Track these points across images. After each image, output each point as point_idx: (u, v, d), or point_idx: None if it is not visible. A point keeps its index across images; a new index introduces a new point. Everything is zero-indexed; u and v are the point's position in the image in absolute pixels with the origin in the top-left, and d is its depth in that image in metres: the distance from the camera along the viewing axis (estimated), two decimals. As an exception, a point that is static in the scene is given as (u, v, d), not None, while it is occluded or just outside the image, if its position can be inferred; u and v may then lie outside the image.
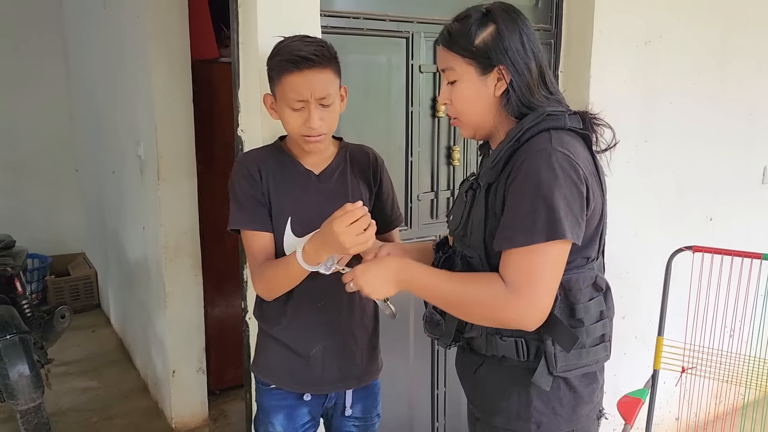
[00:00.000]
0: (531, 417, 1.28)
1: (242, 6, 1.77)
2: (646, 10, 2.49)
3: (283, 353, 1.58)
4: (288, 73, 1.40)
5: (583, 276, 1.25)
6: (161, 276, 2.96)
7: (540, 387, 1.25)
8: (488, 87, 1.27)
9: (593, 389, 1.33)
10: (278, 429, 1.60)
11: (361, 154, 1.65)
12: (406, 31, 2.08)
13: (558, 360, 1.24)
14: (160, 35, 2.73)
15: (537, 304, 1.17)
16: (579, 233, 1.19)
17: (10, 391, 2.67)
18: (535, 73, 1.26)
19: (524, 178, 1.18)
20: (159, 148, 2.81)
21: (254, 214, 1.50)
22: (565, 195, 1.16)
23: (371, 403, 1.69)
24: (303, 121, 1.43)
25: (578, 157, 1.20)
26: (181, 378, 3.04)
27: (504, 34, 1.24)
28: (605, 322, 1.28)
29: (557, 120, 1.23)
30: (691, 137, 2.78)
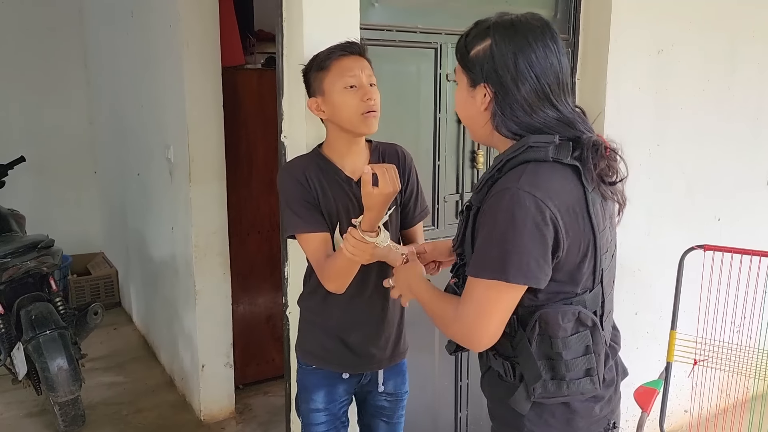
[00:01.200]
0: (523, 426, 1.29)
1: (287, 20, 1.90)
2: (659, 21, 2.62)
3: (326, 338, 1.73)
4: (338, 58, 1.58)
5: (563, 311, 1.22)
6: (191, 274, 3.08)
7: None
8: (475, 100, 1.26)
9: (590, 405, 1.30)
10: (319, 405, 1.75)
11: (392, 153, 1.77)
12: (434, 42, 2.21)
13: (536, 388, 1.24)
14: (193, 43, 2.84)
15: (473, 335, 1.21)
16: (538, 277, 1.16)
17: (50, 384, 2.79)
18: (529, 94, 1.20)
19: (486, 214, 1.19)
20: (191, 151, 2.92)
21: (309, 216, 1.60)
22: (521, 238, 1.13)
23: (401, 380, 1.86)
24: (361, 97, 1.57)
25: (551, 195, 1.15)
26: (209, 372, 3.16)
27: (494, 51, 1.20)
28: (590, 357, 1.25)
29: (538, 152, 1.18)
30: (701, 141, 2.90)
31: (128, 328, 4.45)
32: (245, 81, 3.29)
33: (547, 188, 1.15)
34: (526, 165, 1.18)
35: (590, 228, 1.21)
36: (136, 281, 4.30)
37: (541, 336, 1.23)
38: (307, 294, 1.77)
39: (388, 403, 1.85)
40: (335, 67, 1.57)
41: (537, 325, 1.22)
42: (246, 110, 3.30)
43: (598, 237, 1.22)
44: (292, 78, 1.90)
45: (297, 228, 1.61)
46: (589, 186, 1.20)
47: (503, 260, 1.14)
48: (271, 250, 3.42)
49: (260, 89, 3.31)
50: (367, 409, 1.88)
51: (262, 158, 3.35)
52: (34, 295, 3.09)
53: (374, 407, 1.86)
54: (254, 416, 3.27)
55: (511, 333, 1.26)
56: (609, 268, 1.31)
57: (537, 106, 1.21)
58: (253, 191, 3.36)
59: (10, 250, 3.02)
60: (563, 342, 1.22)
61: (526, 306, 1.23)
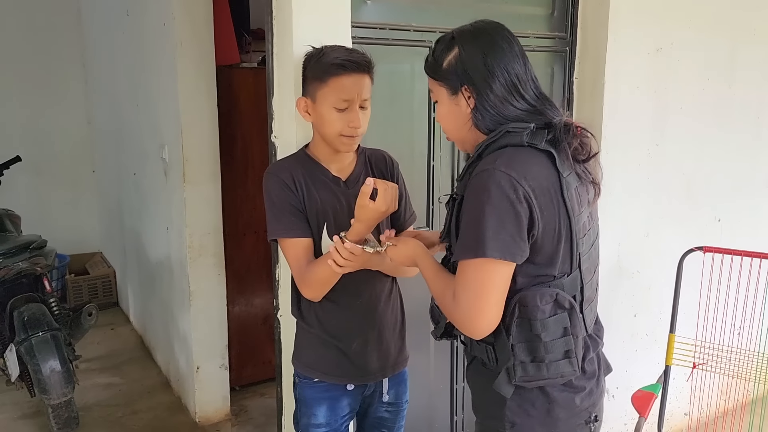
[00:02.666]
0: (504, 416, 1.32)
1: (277, 18, 1.87)
2: (658, 19, 2.58)
3: (326, 349, 1.67)
4: (338, 75, 1.50)
5: (541, 293, 1.26)
6: (186, 275, 3.05)
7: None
8: (460, 106, 1.33)
9: (570, 396, 1.33)
10: (320, 420, 1.69)
11: (379, 158, 1.75)
12: (428, 41, 2.17)
13: (517, 371, 1.27)
14: (187, 42, 2.82)
15: (473, 320, 1.24)
16: (513, 253, 1.21)
17: (43, 386, 2.77)
18: (500, 90, 1.29)
19: (467, 197, 1.26)
20: (185, 151, 2.90)
21: (292, 222, 1.58)
22: (496, 215, 1.19)
23: (402, 389, 1.81)
24: (347, 121, 1.53)
25: (526, 176, 1.21)
26: (204, 374, 3.13)
27: (464, 56, 1.31)
28: (568, 339, 1.28)
29: (514, 137, 1.26)
30: (701, 141, 2.87)
31: (125, 328, 4.43)
32: (241, 80, 3.26)
33: (522, 169, 1.22)
34: (503, 149, 1.26)
35: (565, 211, 1.26)
36: (133, 281, 4.28)
37: (521, 319, 1.27)
38: (300, 303, 1.71)
39: (389, 414, 1.80)
40: (332, 84, 1.52)
41: (516, 308, 1.26)
42: (241, 109, 3.27)
43: (573, 221, 1.28)
44: (283, 77, 1.88)
45: (279, 233, 1.59)
46: (564, 171, 1.27)
47: (482, 237, 1.20)
48: (266, 250, 3.38)
49: (256, 88, 3.27)
50: (368, 421, 1.82)
51: (258, 158, 3.32)
52: (28, 296, 3.07)
53: (375, 419, 1.80)
54: (250, 418, 3.25)
55: None
56: (588, 254, 1.35)
57: (508, 99, 1.30)
58: (249, 191, 3.33)
59: (2, 250, 3.00)
60: (542, 323, 1.26)
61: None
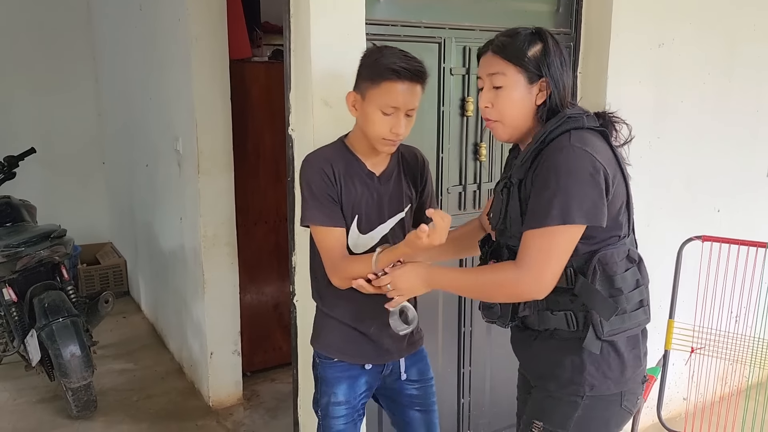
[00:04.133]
0: (584, 380, 1.46)
1: (294, 16, 1.95)
2: (660, 15, 2.65)
3: (345, 331, 1.75)
4: (392, 81, 1.54)
5: (617, 251, 1.42)
6: (200, 264, 3.14)
7: (591, 352, 1.44)
8: (532, 95, 1.46)
9: (637, 354, 1.50)
10: (340, 398, 1.77)
11: (411, 156, 1.81)
12: (438, 37, 2.25)
13: (604, 326, 1.42)
14: (201, 37, 2.89)
15: (542, 279, 1.37)
16: (598, 216, 1.36)
17: (63, 370, 2.88)
18: (568, 88, 1.47)
19: (546, 171, 1.37)
20: (199, 143, 2.98)
21: (331, 211, 1.63)
22: (580, 185, 1.34)
23: (424, 365, 1.89)
24: (390, 126, 1.58)
25: (596, 151, 1.37)
26: (218, 359, 3.23)
27: (550, 51, 1.45)
28: (641, 289, 1.47)
29: (576, 121, 1.42)
30: (701, 134, 2.95)
31: (137, 316, 4.53)
32: (252, 74, 3.35)
33: (593, 146, 1.39)
34: (569, 132, 1.41)
35: (623, 179, 1.44)
36: (145, 271, 4.38)
37: (604, 276, 1.42)
38: (320, 289, 1.78)
39: (417, 390, 1.86)
40: (385, 87, 1.55)
41: (597, 267, 1.41)
42: (253, 102, 3.35)
43: (629, 188, 1.47)
44: (300, 72, 1.96)
45: (318, 220, 1.63)
46: (613, 148, 1.46)
47: (567, 206, 1.34)
48: (277, 240, 3.49)
49: (267, 81, 3.36)
50: (400, 401, 1.87)
51: (269, 150, 3.40)
52: (47, 284, 3.17)
53: (405, 397, 1.86)
54: (261, 402, 3.35)
55: (568, 286, 1.44)
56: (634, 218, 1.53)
57: (566, 97, 1.48)
58: (261, 182, 3.42)
59: (24, 239, 3.09)
60: (621, 277, 1.42)
61: (582, 254, 1.42)
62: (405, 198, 1.75)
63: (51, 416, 3.19)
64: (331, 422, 1.78)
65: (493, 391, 2.66)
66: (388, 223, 1.73)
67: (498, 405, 2.69)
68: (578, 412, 1.47)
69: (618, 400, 1.49)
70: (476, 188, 2.46)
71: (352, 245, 1.69)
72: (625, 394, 1.49)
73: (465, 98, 2.36)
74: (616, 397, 1.48)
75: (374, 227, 1.69)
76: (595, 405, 1.47)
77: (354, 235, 1.68)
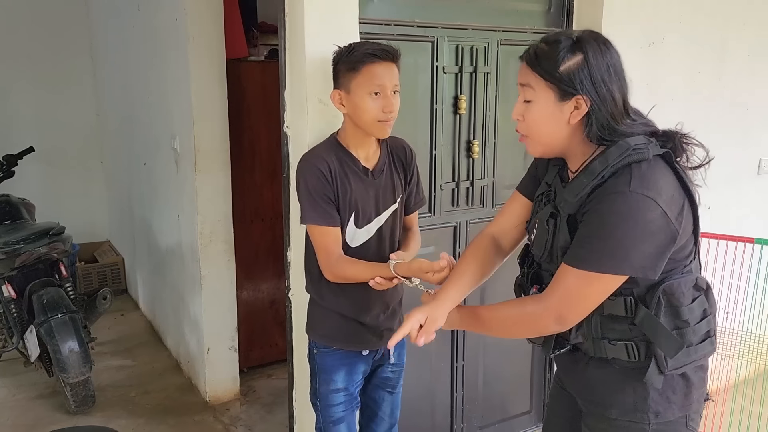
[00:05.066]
0: (649, 408, 1.36)
1: (289, 15, 1.98)
2: (650, 15, 2.70)
3: (342, 321, 1.82)
4: (371, 63, 1.64)
5: (684, 280, 1.32)
6: (197, 260, 3.18)
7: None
8: (564, 113, 1.31)
9: (702, 377, 1.41)
10: (339, 385, 1.85)
11: (399, 148, 1.89)
12: (431, 36, 2.29)
13: (668, 361, 1.32)
14: (198, 37, 2.93)
15: (564, 320, 1.32)
16: (648, 270, 1.25)
17: (62, 365, 2.91)
18: (620, 102, 1.31)
19: (601, 215, 1.26)
20: (196, 141, 3.02)
21: (326, 211, 1.70)
22: (635, 238, 1.23)
23: (403, 350, 2.00)
24: (382, 106, 1.66)
25: (660, 192, 1.24)
26: (214, 355, 3.26)
27: (591, 64, 1.28)
28: (709, 319, 1.36)
29: (641, 153, 1.27)
30: (691, 131, 2.97)
31: (135, 314, 4.56)
32: (249, 73, 3.38)
33: (656, 187, 1.24)
34: (630, 167, 1.27)
35: (690, 207, 1.32)
36: (143, 268, 4.41)
37: (669, 308, 1.31)
38: (315, 282, 1.84)
39: (392, 374, 1.98)
40: (365, 72, 1.64)
41: (661, 298, 1.30)
42: (250, 101, 3.39)
43: (697, 213, 1.34)
44: (295, 71, 1.99)
45: (316, 220, 1.70)
46: (681, 171, 1.32)
47: (615, 257, 1.24)
48: (274, 237, 3.52)
49: (263, 81, 3.39)
50: (374, 382, 1.98)
51: (266, 148, 3.44)
52: (45, 281, 3.20)
53: (381, 379, 1.97)
54: (258, 398, 3.38)
55: (627, 315, 1.34)
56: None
57: (623, 112, 1.32)
58: (257, 180, 3.46)
59: (23, 236, 3.13)
60: (688, 309, 1.32)
61: (643, 285, 1.32)
62: (397, 190, 1.83)
63: (50, 412, 3.22)
64: (331, 410, 1.84)
65: (486, 386, 2.70)
66: (383, 216, 1.80)
67: (491, 399, 2.73)
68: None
69: (684, 422, 1.41)
70: (469, 185, 2.50)
71: (348, 239, 1.75)
72: (690, 415, 1.41)
73: (458, 96, 2.39)
74: (681, 419, 1.40)
75: (370, 221, 1.77)
76: (663, 429, 1.39)
77: (351, 230, 1.75)
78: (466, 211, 2.51)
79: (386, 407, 2.00)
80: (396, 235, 1.87)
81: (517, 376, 2.80)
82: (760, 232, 3.26)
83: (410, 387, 2.31)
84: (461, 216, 2.50)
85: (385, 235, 1.81)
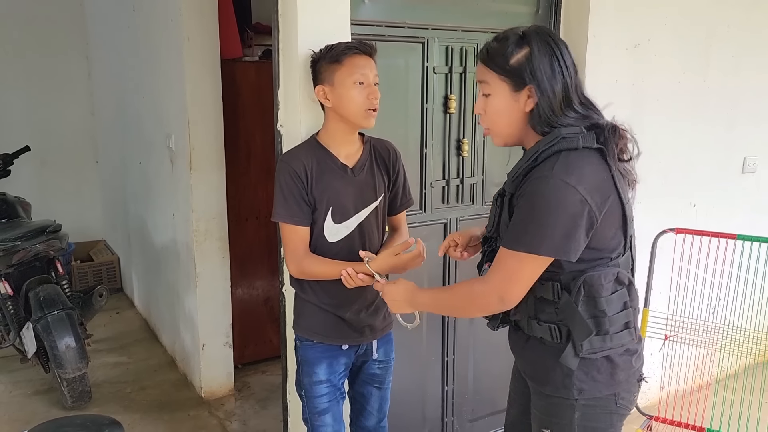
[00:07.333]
0: (573, 385, 1.46)
1: (282, 16, 2.03)
2: (636, 17, 2.76)
3: (324, 315, 1.88)
4: (353, 55, 1.73)
5: (605, 273, 1.41)
6: (192, 258, 3.22)
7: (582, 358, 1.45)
8: (519, 103, 1.42)
9: (629, 359, 1.50)
10: (321, 377, 1.90)
11: (383, 149, 1.95)
12: (422, 37, 2.35)
13: (583, 345, 1.42)
14: (193, 37, 2.98)
15: (505, 298, 1.41)
16: (567, 251, 1.35)
17: (59, 361, 2.95)
18: (560, 95, 1.39)
19: (527, 197, 1.38)
20: (191, 140, 3.06)
21: (297, 210, 1.78)
22: (554, 219, 1.33)
23: (390, 347, 2.04)
24: (367, 94, 1.74)
25: (581, 180, 1.33)
26: (209, 351, 3.31)
27: (535, 56, 1.38)
28: (629, 311, 1.45)
29: (570, 142, 1.36)
30: (677, 131, 3.05)
31: (130, 312, 4.60)
32: (243, 73, 3.43)
33: (578, 174, 1.34)
34: (558, 154, 1.37)
35: (618, 200, 1.40)
36: (138, 267, 4.45)
37: (587, 297, 1.41)
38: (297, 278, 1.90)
39: (380, 370, 2.02)
40: (348, 63, 1.73)
41: (582, 288, 1.40)
42: (244, 101, 3.43)
43: (626, 208, 1.42)
44: (288, 70, 2.04)
45: (285, 218, 1.79)
46: (612, 165, 1.40)
47: (536, 236, 1.34)
48: (268, 235, 3.57)
49: (258, 81, 3.44)
50: (361, 377, 2.03)
51: (260, 147, 3.49)
52: (42, 278, 3.24)
53: (368, 375, 2.02)
54: (252, 393, 3.43)
55: (554, 299, 1.44)
56: (634, 235, 1.50)
57: (563, 104, 1.40)
58: (251, 179, 3.51)
59: (19, 234, 3.16)
60: (606, 300, 1.41)
61: (568, 272, 1.42)
62: (378, 188, 1.88)
63: (46, 407, 3.26)
64: (316, 402, 1.89)
65: (476, 380, 2.76)
66: (363, 212, 1.86)
67: (481, 393, 2.78)
68: (577, 414, 1.48)
69: (613, 400, 1.49)
70: (459, 183, 2.55)
71: (327, 234, 1.82)
72: (619, 394, 1.49)
73: (448, 96, 2.45)
74: (610, 397, 1.49)
75: (349, 217, 1.82)
76: (591, 406, 1.48)
77: (329, 225, 1.81)
78: (456, 208, 2.57)
79: (374, 402, 2.04)
80: (378, 231, 1.93)
81: (506, 370, 2.79)
82: (744, 229, 3.32)
83: (401, 380, 2.37)
84: (451, 213, 2.56)
85: (366, 231, 1.86)
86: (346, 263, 1.77)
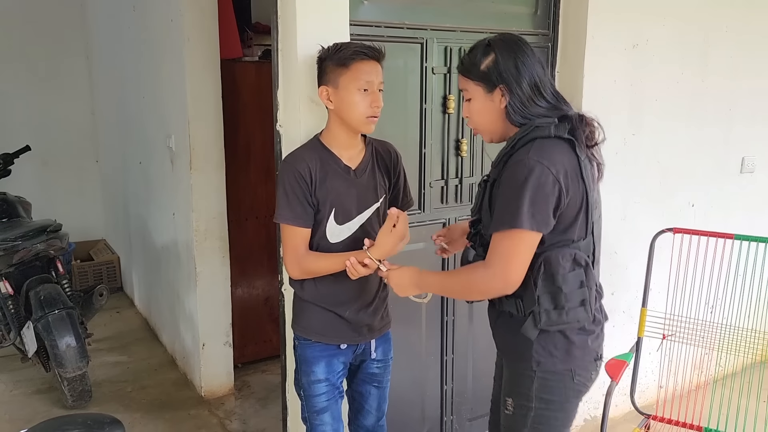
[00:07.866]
0: (532, 357, 1.62)
1: (281, 17, 2.04)
2: (634, 17, 2.77)
3: (323, 314, 1.88)
4: (360, 60, 1.73)
5: (563, 253, 1.56)
6: (192, 257, 3.23)
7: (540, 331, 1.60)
8: (494, 102, 1.61)
9: (584, 338, 1.64)
10: (320, 376, 1.90)
11: (384, 150, 1.96)
12: (420, 38, 2.36)
13: (542, 317, 1.57)
14: (193, 37, 2.99)
15: (508, 278, 1.53)
16: (542, 224, 1.50)
17: (59, 360, 2.96)
18: (527, 90, 1.57)
19: (504, 181, 1.54)
20: (192, 140, 3.07)
21: (301, 212, 1.78)
22: (531, 196, 1.47)
23: (388, 347, 2.05)
24: (370, 102, 1.75)
25: (553, 162, 1.50)
26: (209, 351, 3.32)
27: (499, 60, 1.58)
28: (583, 290, 1.58)
29: (543, 130, 1.54)
30: (675, 131, 3.06)
31: (130, 311, 4.61)
32: (243, 73, 3.44)
33: (551, 158, 1.50)
34: (533, 141, 1.54)
35: (583, 187, 1.56)
36: (138, 266, 4.46)
37: (546, 274, 1.55)
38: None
39: (378, 369, 2.02)
40: (355, 68, 1.73)
41: (542, 265, 1.55)
42: (244, 101, 3.45)
43: (589, 195, 1.58)
44: (287, 71, 2.05)
45: (289, 220, 1.79)
46: (581, 155, 1.57)
47: (519, 213, 1.48)
48: (268, 234, 3.58)
49: (258, 81, 3.45)
50: (360, 376, 2.03)
51: (260, 147, 3.50)
52: (42, 277, 3.25)
53: (367, 374, 2.02)
54: (252, 393, 3.44)
55: None
56: (597, 223, 1.66)
57: (533, 97, 1.58)
58: (251, 178, 3.52)
59: (20, 233, 3.18)
60: (563, 277, 1.55)
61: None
62: (380, 189, 1.89)
63: (47, 406, 3.27)
64: (314, 401, 1.90)
65: (475, 379, 2.77)
66: (365, 214, 1.87)
67: (480, 391, 2.79)
68: (535, 384, 1.63)
69: (569, 376, 1.63)
70: (458, 182, 2.56)
71: (329, 235, 1.83)
72: (575, 371, 1.64)
73: (446, 96, 2.46)
74: (566, 372, 1.63)
75: (351, 218, 1.83)
76: (548, 378, 1.63)
77: (332, 226, 1.82)
78: (455, 208, 2.58)
79: (373, 401, 2.05)
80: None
81: (505, 369, 2.86)
82: (742, 229, 3.33)
83: (400, 379, 2.38)
84: (450, 213, 2.57)
85: (368, 232, 1.87)
86: (346, 254, 1.76)
